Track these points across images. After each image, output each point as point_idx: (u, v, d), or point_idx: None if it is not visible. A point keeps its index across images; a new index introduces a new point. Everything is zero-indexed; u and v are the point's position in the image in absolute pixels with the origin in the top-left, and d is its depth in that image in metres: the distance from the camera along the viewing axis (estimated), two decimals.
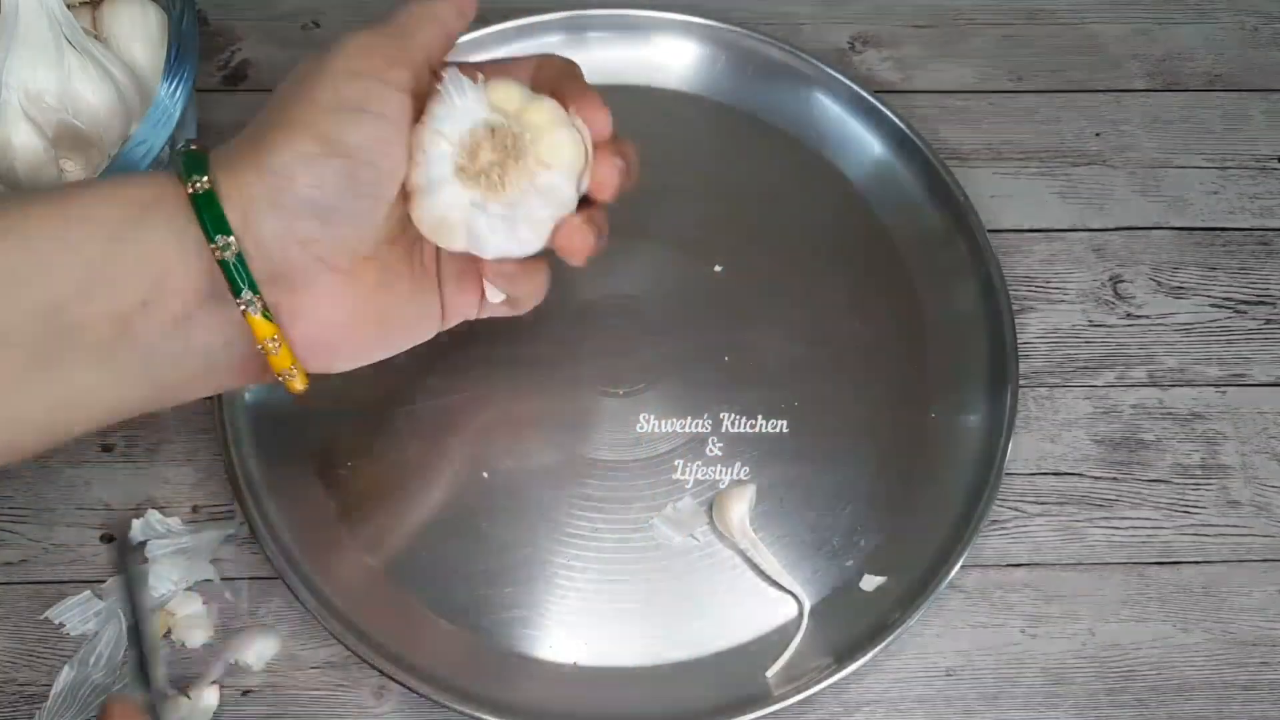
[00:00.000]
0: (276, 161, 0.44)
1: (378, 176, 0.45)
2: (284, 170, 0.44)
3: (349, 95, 0.44)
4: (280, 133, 0.44)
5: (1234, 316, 0.66)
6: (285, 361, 0.46)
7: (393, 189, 0.46)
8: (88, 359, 0.44)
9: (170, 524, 0.59)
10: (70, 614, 0.57)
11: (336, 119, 0.44)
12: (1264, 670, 0.58)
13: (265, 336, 0.45)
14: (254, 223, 0.44)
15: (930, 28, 0.74)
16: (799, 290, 0.65)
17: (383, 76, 0.45)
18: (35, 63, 0.56)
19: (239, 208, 0.44)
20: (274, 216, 0.44)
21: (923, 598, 0.56)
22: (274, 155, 0.44)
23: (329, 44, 0.46)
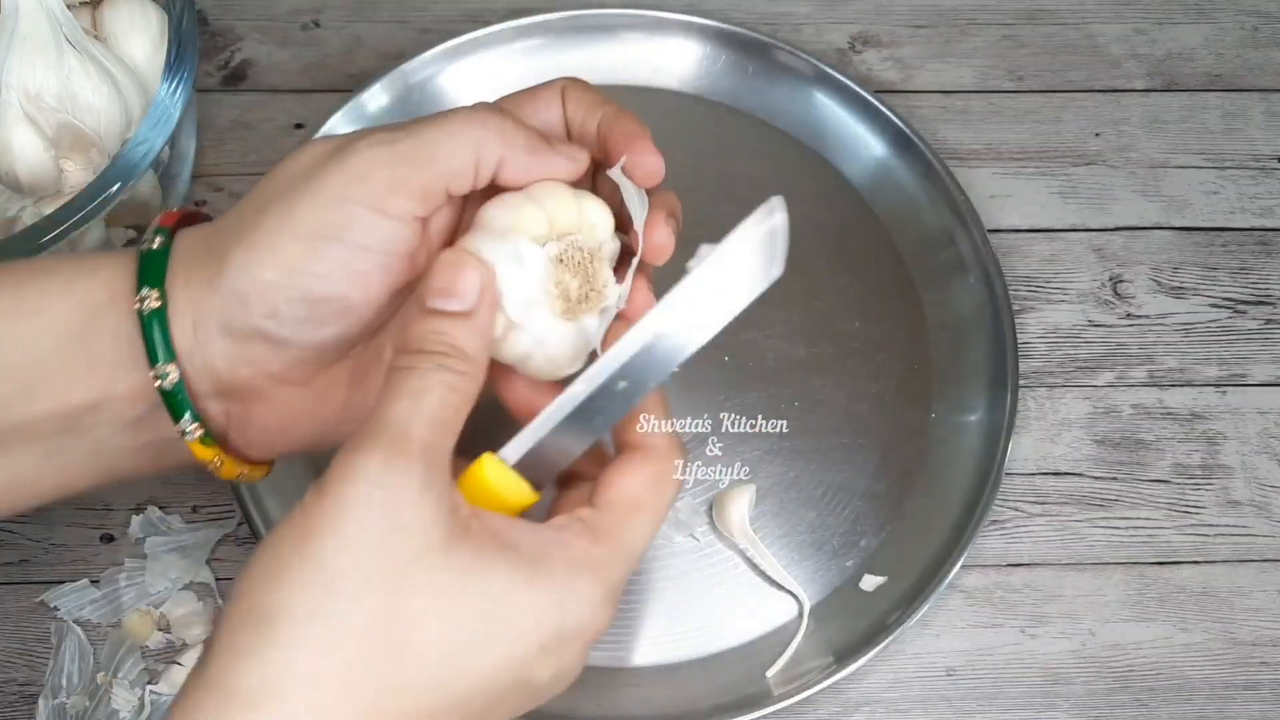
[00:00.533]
0: (233, 284, 0.40)
1: (344, 309, 0.41)
2: (239, 297, 0.40)
3: (329, 221, 0.39)
4: (244, 251, 0.40)
5: (1234, 316, 0.66)
6: (230, 473, 0.44)
7: (361, 318, 0.41)
8: (33, 450, 0.42)
9: (170, 521, 0.59)
10: (65, 599, 0.57)
11: (307, 247, 0.39)
12: (1264, 670, 0.58)
13: (207, 459, 0.43)
14: (204, 340, 0.41)
15: (930, 28, 0.74)
16: (799, 290, 0.65)
17: (377, 204, 0.39)
18: (35, 63, 0.56)
19: (189, 321, 0.41)
20: (224, 338, 0.41)
21: (923, 598, 0.56)
22: (231, 278, 0.40)
23: (340, 147, 0.41)
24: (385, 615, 0.35)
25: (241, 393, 0.42)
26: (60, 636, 0.56)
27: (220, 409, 0.43)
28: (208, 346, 0.41)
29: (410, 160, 0.40)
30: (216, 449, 0.43)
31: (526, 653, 0.37)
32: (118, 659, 0.56)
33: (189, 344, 0.41)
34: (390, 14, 0.73)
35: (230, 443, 0.44)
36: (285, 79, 0.71)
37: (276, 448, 0.44)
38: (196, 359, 0.41)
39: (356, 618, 0.35)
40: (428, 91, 0.68)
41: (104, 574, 0.58)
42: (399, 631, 0.35)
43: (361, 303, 0.41)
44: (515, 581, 0.37)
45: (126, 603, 0.57)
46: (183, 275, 0.41)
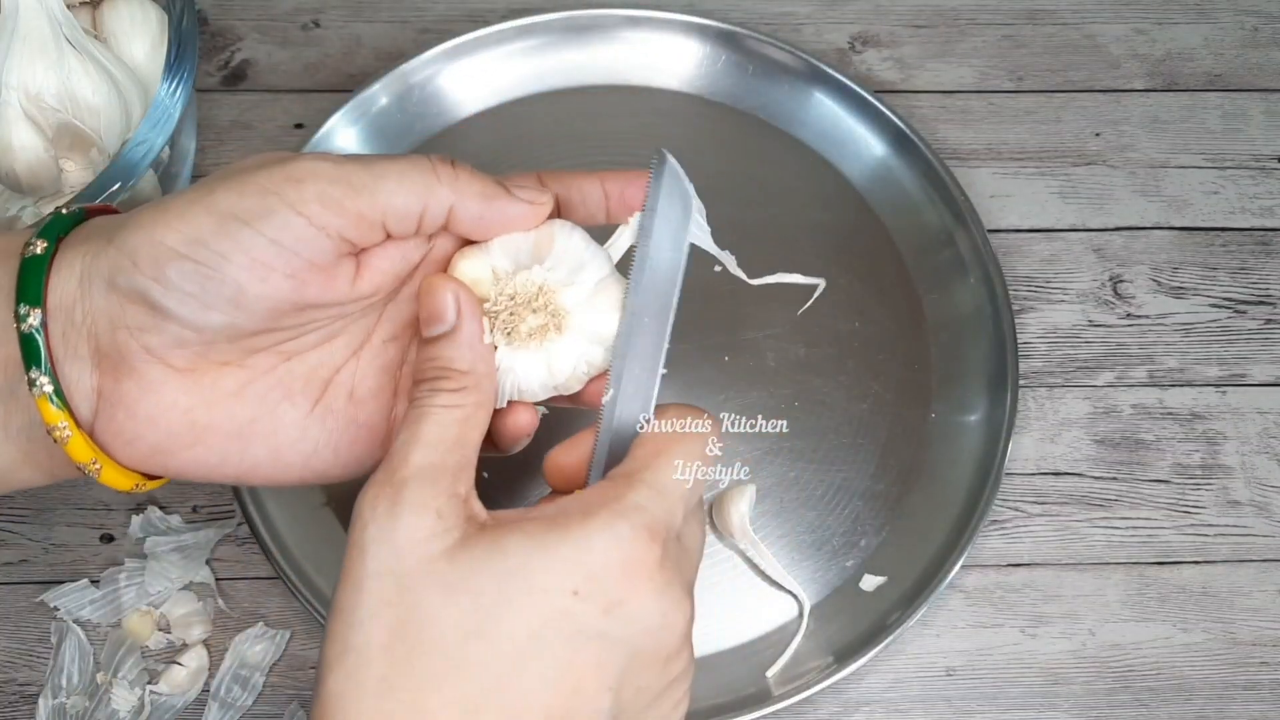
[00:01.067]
0: (130, 241, 0.39)
1: (236, 297, 0.39)
2: (131, 253, 0.39)
3: (247, 206, 0.39)
4: (152, 214, 0.39)
5: (1234, 316, 0.66)
6: (82, 453, 0.40)
7: (252, 315, 0.40)
8: None
9: (170, 521, 0.59)
10: (66, 599, 0.57)
11: (216, 223, 0.39)
12: (1264, 670, 0.58)
13: (51, 422, 0.40)
14: (88, 293, 0.40)
15: (930, 28, 0.74)
16: (799, 290, 0.65)
17: (301, 207, 0.39)
18: (35, 63, 0.56)
19: (77, 274, 0.40)
20: (106, 294, 0.39)
21: (923, 598, 0.56)
22: (131, 234, 0.39)
23: (289, 157, 0.40)
24: (400, 627, 0.37)
25: (115, 362, 0.40)
26: (60, 636, 0.57)
27: (90, 381, 0.40)
28: (91, 299, 0.40)
29: (350, 184, 0.40)
30: (65, 414, 0.40)
31: (558, 604, 0.37)
32: (118, 659, 0.56)
33: (72, 296, 0.40)
34: (390, 14, 0.73)
35: (97, 432, 0.41)
36: (285, 79, 0.71)
37: (143, 441, 0.41)
38: (77, 312, 0.40)
39: (378, 638, 0.37)
40: (428, 91, 0.68)
41: (104, 574, 0.58)
42: (417, 634, 0.37)
43: (256, 297, 0.39)
44: (529, 550, 0.37)
45: (127, 603, 0.57)
46: (84, 233, 0.41)
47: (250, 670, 0.56)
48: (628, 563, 0.38)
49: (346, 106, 0.66)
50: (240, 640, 0.57)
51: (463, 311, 0.40)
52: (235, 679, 0.56)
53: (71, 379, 0.40)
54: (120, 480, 0.41)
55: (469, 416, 0.40)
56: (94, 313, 0.40)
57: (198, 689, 0.56)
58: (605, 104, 0.69)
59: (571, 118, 0.69)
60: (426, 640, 0.37)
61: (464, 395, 0.40)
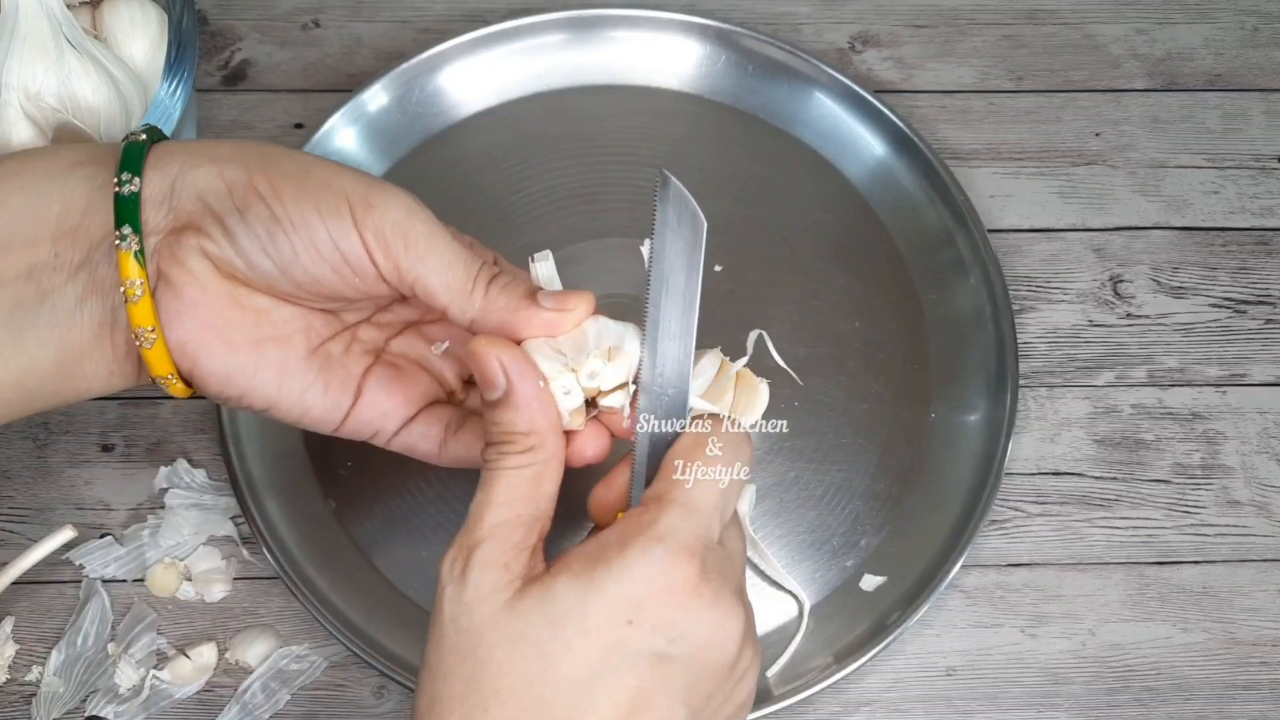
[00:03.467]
0: (229, 171, 0.44)
1: (291, 259, 0.44)
2: (229, 181, 0.44)
3: (326, 201, 0.44)
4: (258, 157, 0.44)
5: (1234, 316, 0.66)
6: (146, 317, 0.44)
7: (300, 279, 0.45)
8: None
9: (196, 476, 0.59)
10: (91, 557, 0.58)
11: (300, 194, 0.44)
12: (1264, 670, 0.58)
13: (129, 277, 0.43)
14: (177, 193, 0.44)
15: (930, 28, 0.74)
16: (799, 290, 0.65)
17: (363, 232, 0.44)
18: (35, 63, 0.56)
19: (171, 177, 0.44)
20: (194, 200, 0.44)
21: (923, 598, 0.56)
22: (232, 167, 0.44)
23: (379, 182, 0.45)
24: (473, 679, 0.40)
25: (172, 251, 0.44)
26: (88, 595, 0.57)
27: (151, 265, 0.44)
28: (179, 198, 0.44)
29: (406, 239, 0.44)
30: (144, 272, 0.44)
31: (613, 635, 0.40)
32: (133, 634, 0.56)
33: (162, 191, 0.44)
34: (390, 14, 0.73)
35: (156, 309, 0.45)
36: (285, 79, 0.71)
37: (181, 325, 0.44)
38: (163, 206, 0.44)
39: (456, 691, 0.40)
40: (428, 91, 0.68)
41: (128, 530, 0.59)
42: (489, 684, 0.40)
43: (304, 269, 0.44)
44: (577, 589, 0.40)
45: (151, 558, 0.58)
46: (172, 147, 0.45)
47: (280, 684, 0.56)
48: (671, 584, 0.40)
49: (346, 106, 0.66)
50: (279, 656, 0.57)
51: (511, 376, 0.43)
52: (264, 689, 0.56)
53: None
54: (162, 361, 0.45)
55: (538, 474, 0.43)
56: (177, 211, 0.44)
57: (200, 684, 0.56)
58: (605, 104, 0.69)
59: (571, 118, 0.69)
60: (500, 690, 0.40)
61: (530, 455, 0.43)
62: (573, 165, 0.67)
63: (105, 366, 0.45)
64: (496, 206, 0.66)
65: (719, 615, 0.41)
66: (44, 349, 0.44)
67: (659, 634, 0.40)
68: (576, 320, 0.45)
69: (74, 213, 0.44)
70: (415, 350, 0.50)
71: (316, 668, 0.57)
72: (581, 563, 0.41)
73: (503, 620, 0.40)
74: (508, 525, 0.42)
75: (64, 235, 0.44)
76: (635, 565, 0.40)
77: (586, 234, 0.65)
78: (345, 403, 0.48)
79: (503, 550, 0.41)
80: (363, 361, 0.49)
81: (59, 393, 0.46)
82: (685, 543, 0.41)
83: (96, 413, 0.61)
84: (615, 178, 0.67)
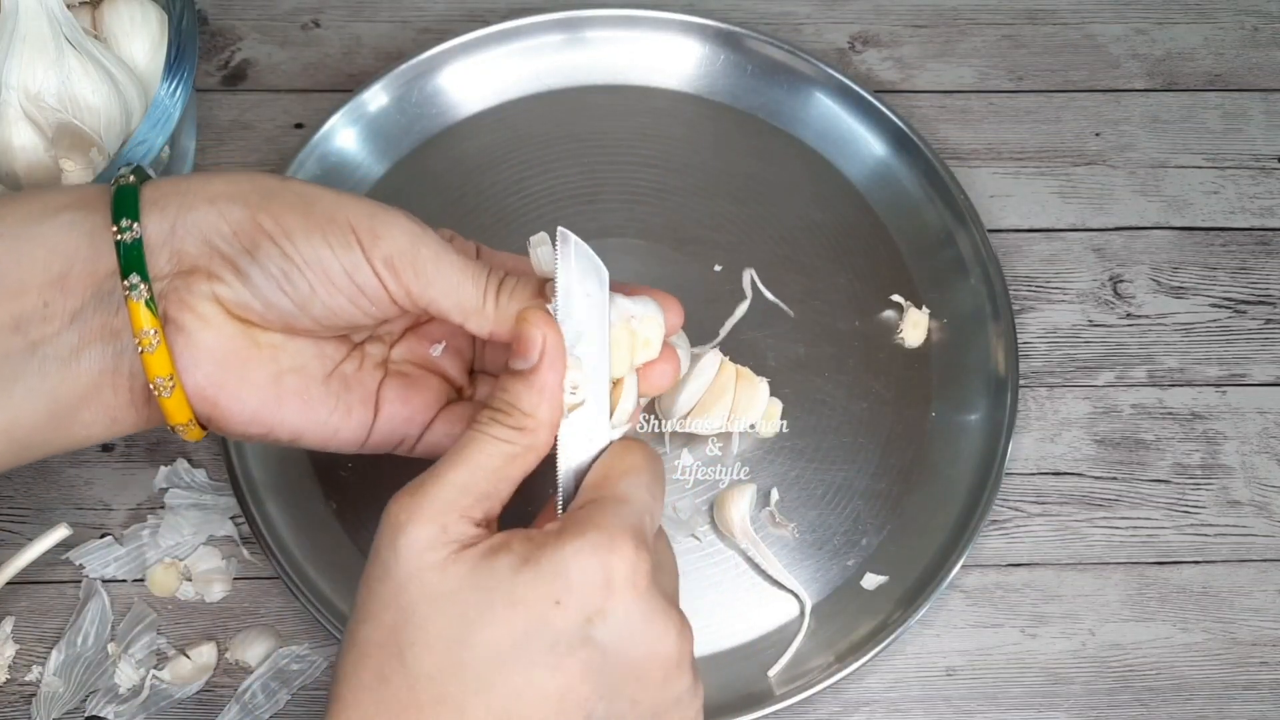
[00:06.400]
0: (232, 212, 0.43)
1: (309, 295, 0.44)
2: (233, 222, 0.43)
3: (334, 234, 0.43)
4: (259, 197, 0.44)
5: (1234, 316, 0.66)
6: (163, 367, 0.43)
7: (317, 312, 0.45)
8: None
9: (196, 475, 0.59)
10: (91, 557, 0.58)
11: (308, 229, 0.43)
12: (1264, 670, 0.58)
13: (142, 327, 0.43)
14: (179, 237, 0.43)
15: (930, 28, 0.74)
16: (799, 290, 0.65)
17: (374, 262, 0.44)
18: (35, 63, 0.56)
19: (170, 220, 0.43)
20: (199, 244, 0.43)
21: (923, 597, 0.56)
22: (233, 206, 0.43)
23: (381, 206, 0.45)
24: (394, 628, 0.40)
25: (180, 296, 0.43)
26: (88, 595, 0.57)
27: (162, 308, 0.44)
28: (181, 242, 0.43)
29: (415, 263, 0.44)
30: (157, 320, 0.43)
31: (539, 612, 0.39)
32: (133, 634, 0.56)
33: (162, 235, 0.43)
34: (390, 14, 0.73)
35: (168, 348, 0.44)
36: (285, 79, 0.71)
37: (198, 369, 0.44)
38: (164, 250, 0.43)
39: (376, 636, 0.40)
40: (427, 91, 0.68)
41: (128, 530, 0.59)
42: (408, 635, 0.40)
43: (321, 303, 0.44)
44: (513, 566, 0.40)
45: (151, 558, 0.58)
46: (163, 188, 0.44)
47: (280, 685, 0.56)
48: (606, 572, 0.40)
49: (346, 106, 0.66)
50: (279, 656, 0.57)
51: (545, 357, 0.43)
52: (264, 689, 0.56)
53: None
54: (181, 409, 0.44)
55: (516, 455, 0.42)
56: (180, 255, 0.43)
57: (200, 684, 0.56)
58: (605, 104, 0.69)
59: (571, 118, 0.69)
60: (417, 643, 0.39)
61: (519, 435, 0.42)
62: (573, 165, 0.67)
63: (106, 414, 0.45)
64: (496, 206, 0.66)
65: (651, 610, 0.41)
66: (34, 400, 0.43)
67: (586, 619, 0.40)
68: None
69: (62, 260, 0.43)
70: (417, 354, 0.50)
71: (316, 668, 0.57)
72: (520, 543, 0.41)
73: (432, 578, 0.40)
74: (462, 489, 0.41)
75: (53, 283, 0.43)
76: (569, 548, 0.40)
77: (586, 234, 0.64)
78: (367, 420, 0.48)
79: (447, 510, 0.41)
80: (375, 376, 0.49)
81: (51, 443, 0.45)
82: (619, 531, 0.41)
83: None
84: (615, 178, 0.67)
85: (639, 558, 0.40)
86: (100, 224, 0.43)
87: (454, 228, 0.50)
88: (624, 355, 0.47)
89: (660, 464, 0.45)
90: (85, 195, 0.44)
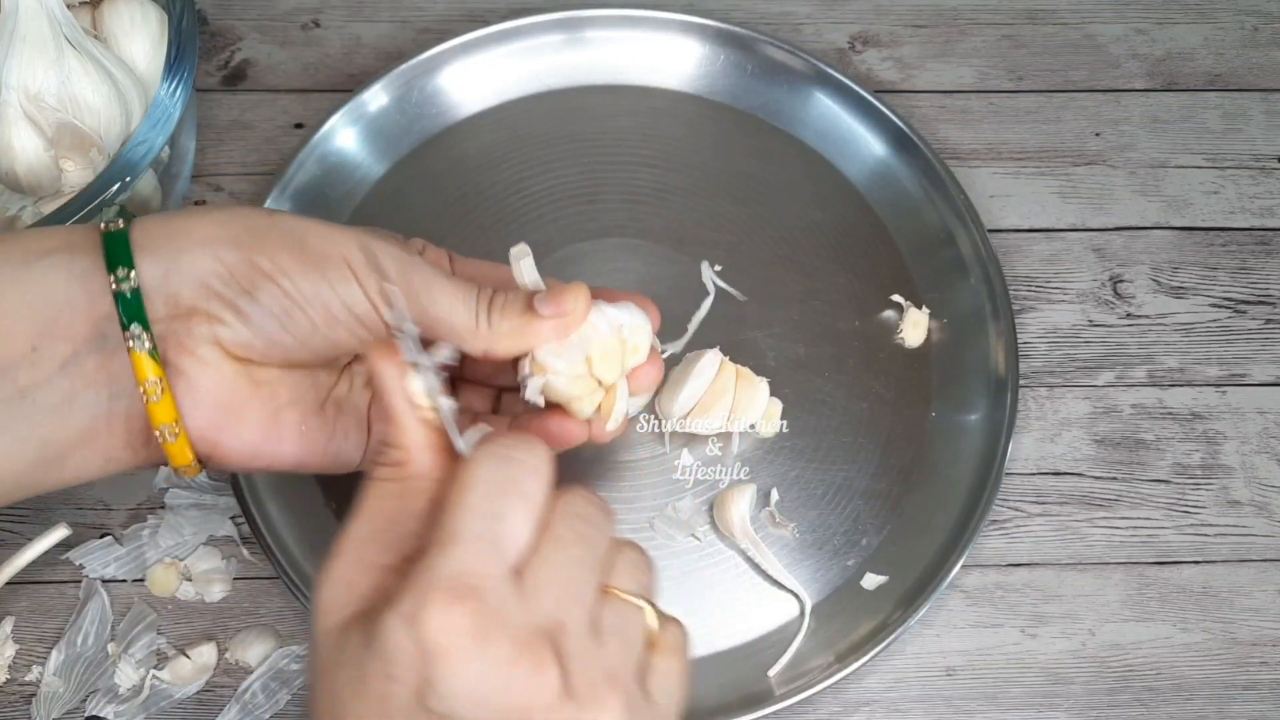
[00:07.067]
0: (226, 256, 0.43)
1: (311, 332, 0.45)
2: (230, 265, 0.43)
3: (330, 270, 0.44)
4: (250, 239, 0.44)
5: (1234, 316, 0.66)
6: (168, 414, 0.44)
7: (318, 347, 0.45)
8: None
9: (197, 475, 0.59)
10: (91, 557, 0.58)
11: (304, 267, 0.44)
12: (1264, 670, 0.58)
13: (146, 377, 0.43)
14: (174, 282, 0.43)
15: (930, 28, 0.74)
16: (799, 290, 0.65)
17: (368, 290, 0.44)
18: (35, 63, 0.56)
19: (164, 266, 0.43)
20: (196, 289, 0.43)
21: (923, 597, 0.56)
22: (226, 249, 0.43)
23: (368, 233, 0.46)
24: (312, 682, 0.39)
25: (179, 340, 0.44)
26: (88, 595, 0.57)
27: (161, 350, 0.44)
28: (175, 287, 0.43)
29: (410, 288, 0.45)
30: (160, 369, 0.43)
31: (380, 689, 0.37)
32: (133, 634, 0.56)
33: (156, 280, 0.43)
34: (390, 14, 0.73)
35: None
36: (285, 79, 0.71)
37: (200, 413, 0.44)
38: (159, 296, 0.43)
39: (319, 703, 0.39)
40: (427, 91, 0.68)
41: (128, 530, 0.59)
42: (311, 705, 0.39)
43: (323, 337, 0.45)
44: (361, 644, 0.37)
45: (151, 558, 0.58)
46: (150, 231, 0.44)
47: (280, 685, 0.56)
48: (419, 642, 0.36)
49: (346, 106, 0.66)
50: (279, 656, 0.57)
51: (385, 387, 0.42)
52: (264, 689, 0.56)
53: None
54: (184, 452, 0.45)
55: (404, 490, 0.40)
56: (176, 299, 0.43)
57: (200, 684, 0.56)
58: (605, 104, 0.69)
59: (571, 118, 0.69)
60: (315, 714, 0.39)
61: (397, 470, 0.41)
62: (572, 165, 0.67)
63: (101, 456, 0.45)
64: (496, 206, 0.66)
65: (490, 664, 0.36)
66: (22, 447, 0.43)
67: (416, 693, 0.36)
68: (579, 320, 0.46)
69: (51, 305, 0.43)
70: None
71: None
72: (373, 614, 0.37)
73: (325, 648, 0.38)
74: (363, 541, 0.39)
75: (42, 329, 0.42)
76: (385, 621, 0.36)
77: (586, 234, 0.65)
78: (362, 441, 0.49)
79: (349, 566, 0.39)
80: (365, 396, 0.49)
81: (42, 484, 0.45)
82: (429, 590, 0.36)
83: None
84: (615, 178, 0.67)
85: (456, 612, 0.36)
86: (91, 268, 0.43)
87: (454, 228, 0.50)
88: (615, 363, 0.48)
89: (519, 466, 0.39)
90: (70, 239, 0.44)
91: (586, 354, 0.47)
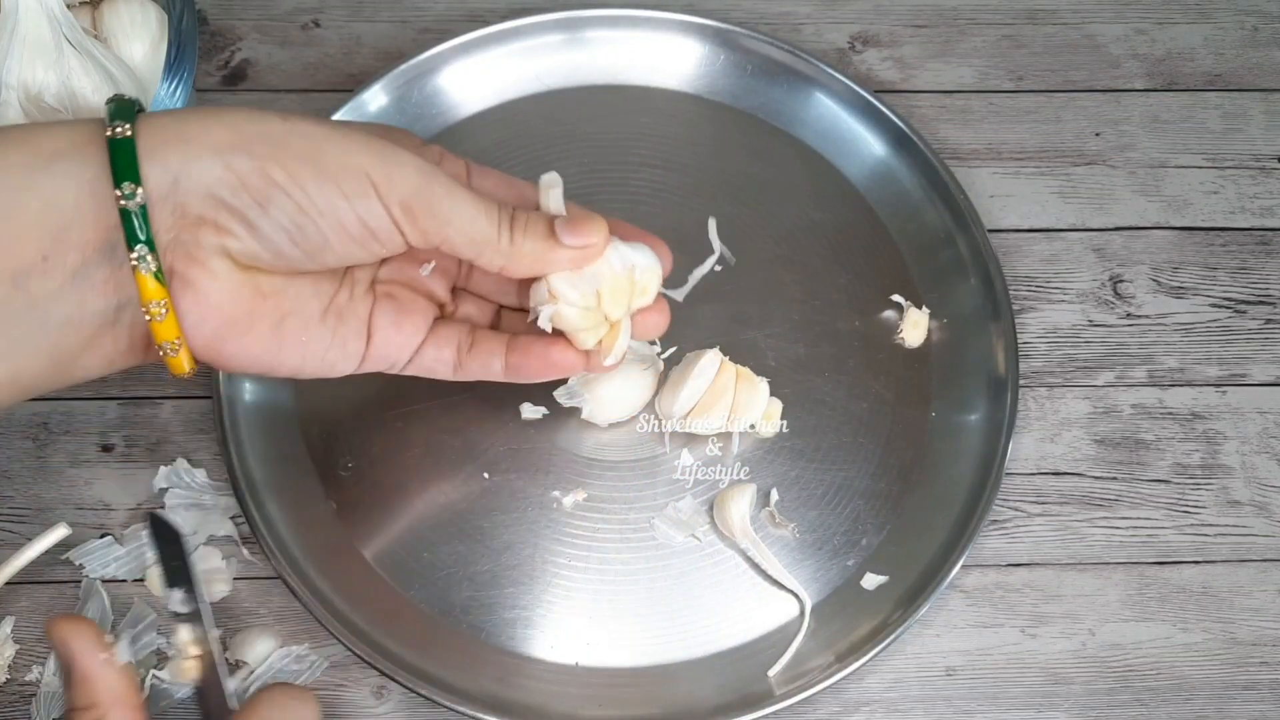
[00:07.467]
0: (238, 164, 0.43)
1: (322, 245, 0.45)
2: (241, 174, 0.43)
3: (347, 182, 0.44)
4: (264, 145, 0.43)
5: (1234, 316, 0.66)
6: (171, 332, 0.44)
7: (327, 259, 0.45)
8: None
9: (196, 475, 0.59)
10: (91, 557, 0.58)
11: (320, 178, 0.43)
12: (1264, 670, 0.58)
13: (151, 299, 0.43)
14: (184, 190, 0.43)
15: (930, 28, 0.74)
16: (799, 290, 0.65)
17: (389, 206, 0.44)
18: (35, 63, 0.56)
19: (173, 172, 0.42)
20: (203, 198, 0.43)
21: (923, 597, 0.56)
22: (239, 157, 0.43)
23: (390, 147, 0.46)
24: None
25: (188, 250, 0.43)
26: (88, 595, 0.57)
27: (168, 263, 0.43)
28: (185, 195, 0.43)
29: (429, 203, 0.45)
30: (165, 291, 0.43)
31: None
32: (134, 633, 0.56)
33: (164, 188, 0.42)
34: (390, 14, 0.73)
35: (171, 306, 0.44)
36: (285, 79, 0.71)
37: (207, 325, 0.45)
38: (167, 204, 0.42)
39: None
40: (427, 91, 0.68)
41: (127, 530, 0.59)
42: None
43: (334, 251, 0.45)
44: None
45: (151, 558, 0.58)
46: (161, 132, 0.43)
47: (248, 669, 0.56)
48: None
49: (346, 106, 0.66)
50: (279, 656, 0.57)
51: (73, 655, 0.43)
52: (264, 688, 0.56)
53: None
54: (185, 363, 0.45)
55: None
56: (184, 208, 0.43)
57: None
58: (605, 104, 0.69)
59: (571, 118, 0.69)
60: None
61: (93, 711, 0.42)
62: (573, 165, 0.67)
63: (105, 358, 0.45)
64: None
65: None
66: (37, 353, 0.43)
67: None
68: (598, 254, 0.48)
69: (60, 214, 0.42)
70: (404, 274, 0.51)
71: (316, 668, 0.57)
72: None
73: None
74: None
75: (52, 237, 0.42)
76: None
77: None
78: (361, 349, 0.49)
79: None
80: (366, 303, 0.50)
81: (52, 385, 0.45)
82: None
83: (96, 413, 0.61)
84: (615, 178, 0.67)
85: None
86: (98, 176, 0.42)
87: (440, 148, 0.51)
88: (623, 301, 0.49)
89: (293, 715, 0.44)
90: (76, 138, 0.43)
91: (597, 288, 0.48)
